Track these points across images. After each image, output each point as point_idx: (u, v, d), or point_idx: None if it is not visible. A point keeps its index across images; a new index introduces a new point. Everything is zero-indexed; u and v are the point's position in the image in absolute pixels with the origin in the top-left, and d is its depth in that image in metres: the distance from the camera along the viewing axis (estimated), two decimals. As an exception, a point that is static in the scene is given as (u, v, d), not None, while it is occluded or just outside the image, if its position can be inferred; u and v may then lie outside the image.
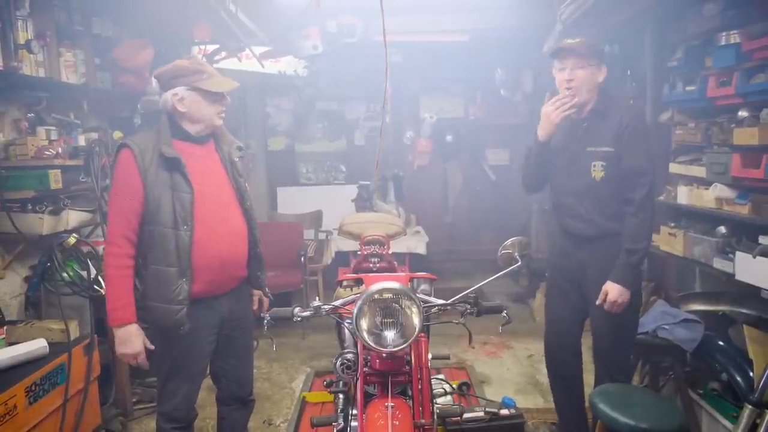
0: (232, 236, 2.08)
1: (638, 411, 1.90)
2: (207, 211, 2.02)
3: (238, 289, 2.20)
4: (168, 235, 1.94)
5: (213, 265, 2.02)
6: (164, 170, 1.97)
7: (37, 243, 2.79)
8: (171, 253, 1.94)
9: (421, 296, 1.69)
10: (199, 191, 2.01)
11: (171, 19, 3.74)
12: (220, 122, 2.12)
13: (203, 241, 1.99)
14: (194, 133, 2.09)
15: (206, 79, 2.03)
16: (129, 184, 1.96)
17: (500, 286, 5.36)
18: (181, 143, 2.05)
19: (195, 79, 2.02)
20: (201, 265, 1.99)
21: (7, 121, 2.84)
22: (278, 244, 4.74)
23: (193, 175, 2.01)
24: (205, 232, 2.00)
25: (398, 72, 5.06)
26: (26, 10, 2.72)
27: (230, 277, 2.12)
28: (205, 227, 2.00)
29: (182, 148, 2.04)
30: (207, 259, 2.00)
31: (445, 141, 6.08)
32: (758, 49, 2.57)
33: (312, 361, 3.94)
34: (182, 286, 1.95)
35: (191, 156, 2.05)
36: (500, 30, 4.51)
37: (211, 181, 2.09)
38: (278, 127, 6.17)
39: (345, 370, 1.75)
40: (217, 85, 2.06)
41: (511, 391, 3.41)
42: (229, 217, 2.10)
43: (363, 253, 2.87)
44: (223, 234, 2.05)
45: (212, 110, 2.08)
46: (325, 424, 1.91)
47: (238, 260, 2.12)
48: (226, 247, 2.05)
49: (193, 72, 2.02)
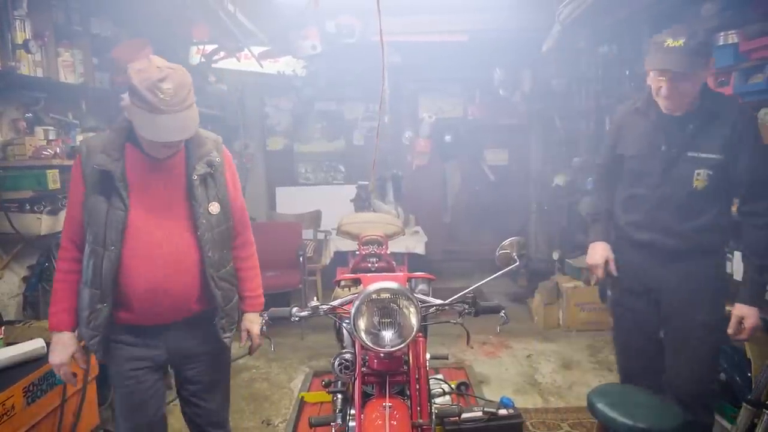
0: (172, 265, 1.77)
1: (637, 411, 1.90)
2: (144, 233, 1.74)
3: (192, 323, 1.88)
4: (97, 252, 1.72)
5: (143, 295, 1.75)
6: (106, 180, 1.72)
7: (35, 243, 2.79)
8: (96, 274, 1.72)
9: (419, 296, 1.69)
10: (138, 210, 1.74)
11: (170, 19, 3.75)
12: (166, 155, 1.77)
13: (133, 266, 1.73)
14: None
15: (144, 115, 1.60)
16: (72, 190, 1.79)
17: (498, 286, 5.37)
18: (135, 151, 1.76)
19: (137, 103, 1.61)
20: (129, 292, 1.75)
21: (5, 121, 2.84)
22: (277, 244, 4.75)
23: (135, 191, 1.74)
24: (135, 257, 1.73)
25: (397, 72, 5.07)
26: (24, 10, 2.72)
27: (172, 309, 1.82)
28: (137, 251, 1.73)
29: (134, 157, 1.76)
30: (136, 287, 1.74)
31: (443, 141, 6.08)
32: (756, 49, 2.57)
33: (310, 361, 3.94)
34: (102, 312, 1.74)
35: (142, 167, 1.76)
36: (499, 30, 4.52)
37: (160, 201, 1.78)
38: (277, 127, 6.18)
39: (343, 370, 1.75)
40: (152, 132, 1.62)
41: (509, 391, 3.41)
42: (172, 243, 1.77)
43: (361, 253, 2.88)
44: (159, 261, 1.75)
45: (154, 144, 1.70)
46: (324, 424, 1.90)
47: (179, 292, 1.80)
48: (161, 277, 1.75)
49: (138, 96, 1.60)
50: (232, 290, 1.95)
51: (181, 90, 1.63)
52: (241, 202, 2.02)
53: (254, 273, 2.06)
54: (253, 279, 2.05)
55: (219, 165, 1.87)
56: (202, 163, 1.82)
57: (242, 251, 2.03)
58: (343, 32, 4.36)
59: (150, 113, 1.60)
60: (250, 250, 2.06)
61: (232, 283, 1.95)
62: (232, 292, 1.95)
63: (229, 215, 1.91)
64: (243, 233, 2.03)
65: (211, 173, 1.84)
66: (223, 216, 1.87)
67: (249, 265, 2.05)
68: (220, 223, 1.86)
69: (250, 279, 2.04)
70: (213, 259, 1.83)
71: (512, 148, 6.25)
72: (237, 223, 1.98)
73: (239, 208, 1.99)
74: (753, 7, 2.66)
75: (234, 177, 1.98)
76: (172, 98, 1.60)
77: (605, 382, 3.02)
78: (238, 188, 2.01)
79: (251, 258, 2.06)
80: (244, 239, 2.03)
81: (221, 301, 1.87)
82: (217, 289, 1.86)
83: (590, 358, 3.89)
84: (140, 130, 1.65)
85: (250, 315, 2.05)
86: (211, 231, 1.82)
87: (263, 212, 5.94)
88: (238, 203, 1.99)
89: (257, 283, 2.07)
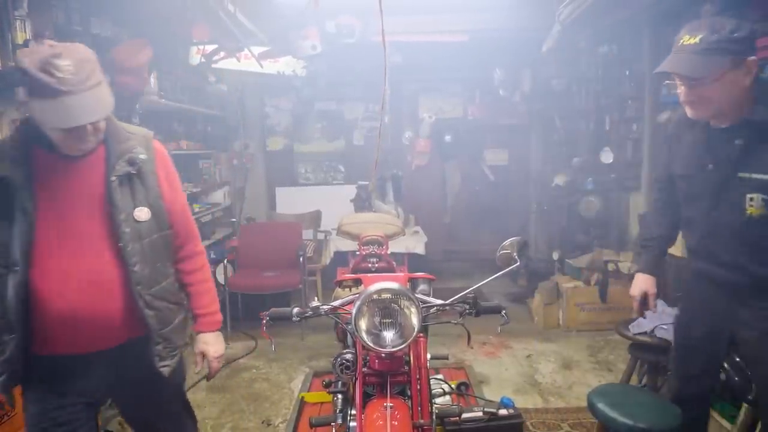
0: (90, 285, 1.50)
1: (637, 411, 1.91)
2: (55, 249, 1.48)
3: (127, 350, 1.62)
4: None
5: (59, 322, 1.49)
6: (5, 189, 1.46)
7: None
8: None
9: (420, 296, 1.69)
10: (48, 222, 1.48)
11: (170, 19, 3.75)
12: (81, 150, 1.51)
13: (44, 289, 1.47)
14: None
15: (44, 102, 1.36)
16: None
17: (499, 287, 5.37)
18: (44, 154, 1.50)
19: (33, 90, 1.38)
20: (42, 319, 1.49)
21: (5, 121, 2.83)
22: (277, 244, 4.76)
23: (45, 200, 1.48)
24: (46, 278, 1.47)
25: (397, 72, 5.07)
26: (24, 10, 2.71)
27: (96, 337, 1.56)
28: (48, 271, 1.47)
29: (43, 161, 1.50)
30: (50, 314, 1.48)
31: (443, 141, 6.09)
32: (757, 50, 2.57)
33: (311, 362, 3.94)
34: (8, 344, 1.47)
35: (53, 172, 1.50)
36: (499, 30, 4.53)
37: (74, 210, 1.51)
38: (277, 127, 6.18)
39: (344, 370, 1.75)
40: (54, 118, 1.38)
41: (509, 391, 3.41)
42: (89, 259, 1.51)
43: (362, 253, 2.88)
44: (75, 282, 1.49)
45: (63, 135, 1.45)
46: (324, 425, 1.90)
47: (101, 317, 1.53)
48: (77, 300, 1.49)
49: (33, 79, 1.35)
50: (172, 310, 1.68)
51: (83, 67, 1.40)
52: (182, 206, 1.74)
53: (205, 287, 1.81)
54: (205, 294, 1.80)
55: (146, 163, 1.59)
56: (123, 161, 1.54)
57: (188, 263, 1.77)
58: (343, 32, 4.36)
59: (50, 98, 1.35)
60: (199, 262, 1.80)
61: (173, 302, 1.68)
62: (172, 313, 1.67)
63: (164, 222, 1.65)
64: (188, 242, 1.77)
65: (137, 173, 1.57)
66: (155, 223, 1.61)
67: (198, 278, 1.79)
68: (151, 232, 1.60)
69: (201, 294, 1.79)
70: (141, 274, 1.56)
71: (512, 148, 6.25)
72: (179, 230, 1.72)
73: (179, 212, 1.72)
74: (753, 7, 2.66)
75: (171, 177, 1.70)
76: (73, 76, 1.36)
77: (605, 382, 3.03)
78: (178, 189, 1.73)
79: (201, 270, 1.80)
80: (190, 249, 1.78)
81: (155, 323, 1.60)
82: (149, 310, 1.58)
83: (590, 358, 3.89)
84: (41, 119, 1.41)
85: (205, 336, 1.80)
86: (138, 241, 1.55)
87: (263, 212, 5.94)
88: (178, 207, 1.71)
89: (211, 298, 1.82)
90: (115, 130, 1.57)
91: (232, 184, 5.86)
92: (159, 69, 4.03)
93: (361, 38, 4.37)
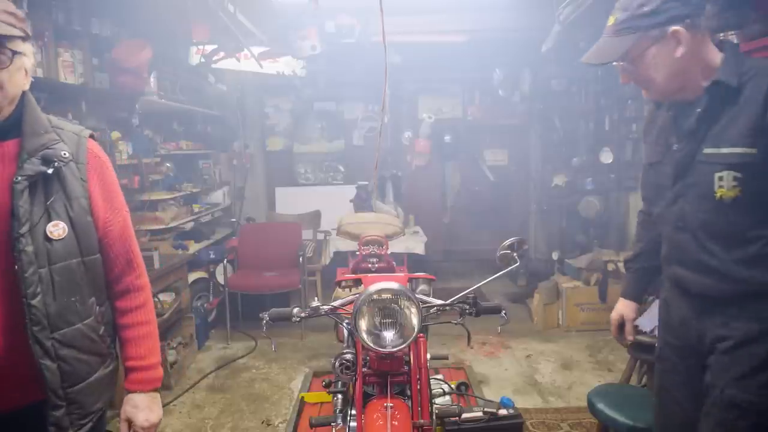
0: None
1: (637, 411, 1.91)
2: None
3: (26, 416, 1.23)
4: None
5: None
6: None
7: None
8: None
9: (420, 296, 1.69)
10: None
11: (169, 19, 3.75)
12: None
13: None
14: None
15: None
16: None
17: (498, 287, 5.38)
18: None
19: None
20: None
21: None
22: (277, 244, 4.76)
23: None
24: None
25: (397, 72, 5.06)
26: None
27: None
28: None
29: None
30: None
31: (443, 141, 6.09)
32: (756, 50, 2.57)
33: (311, 362, 3.94)
34: None
35: None
36: (498, 30, 4.53)
37: None
38: (276, 127, 6.18)
39: (344, 370, 1.75)
40: None
41: (509, 391, 3.42)
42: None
43: (361, 253, 2.88)
44: None
45: None
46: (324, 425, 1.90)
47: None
48: None
49: None
50: (87, 362, 1.26)
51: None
52: (121, 227, 1.33)
53: (144, 331, 1.37)
54: (142, 341, 1.36)
55: (72, 165, 1.23)
56: (35, 159, 1.17)
57: (125, 300, 1.36)
58: (342, 32, 4.36)
59: None
60: (140, 298, 1.37)
61: (89, 351, 1.27)
62: (86, 366, 1.26)
63: (91, 245, 1.26)
64: (127, 273, 1.36)
65: (56, 177, 1.20)
66: (75, 245, 1.22)
67: (137, 319, 1.36)
68: (68, 255, 1.21)
69: (136, 341, 1.36)
70: (44, 311, 1.16)
71: (512, 148, 6.26)
72: (115, 258, 1.33)
73: (117, 235, 1.32)
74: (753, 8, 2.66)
75: (108, 188, 1.31)
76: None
77: (605, 382, 3.03)
78: (117, 205, 1.33)
79: (141, 310, 1.37)
80: (128, 282, 1.36)
81: (56, 379, 1.19)
82: (50, 360, 1.17)
83: (590, 358, 3.90)
84: None
85: (135, 397, 1.34)
86: (44, 266, 1.17)
87: (263, 212, 5.94)
88: (115, 228, 1.31)
89: (150, 347, 1.37)
90: (33, 120, 1.21)
91: (232, 184, 5.87)
92: (159, 69, 4.03)
93: (361, 38, 4.37)
